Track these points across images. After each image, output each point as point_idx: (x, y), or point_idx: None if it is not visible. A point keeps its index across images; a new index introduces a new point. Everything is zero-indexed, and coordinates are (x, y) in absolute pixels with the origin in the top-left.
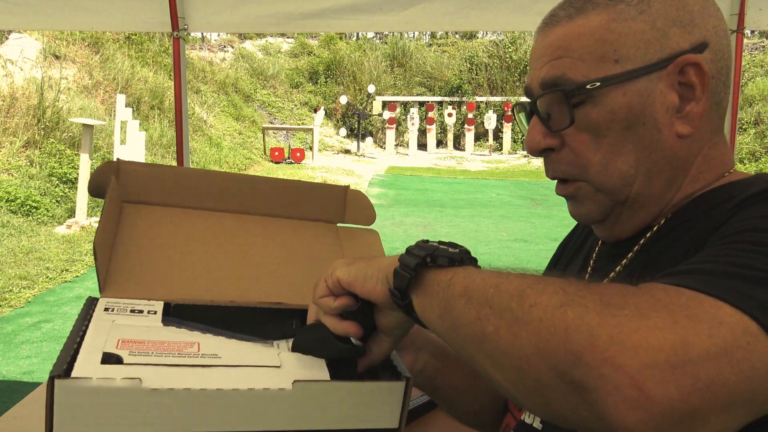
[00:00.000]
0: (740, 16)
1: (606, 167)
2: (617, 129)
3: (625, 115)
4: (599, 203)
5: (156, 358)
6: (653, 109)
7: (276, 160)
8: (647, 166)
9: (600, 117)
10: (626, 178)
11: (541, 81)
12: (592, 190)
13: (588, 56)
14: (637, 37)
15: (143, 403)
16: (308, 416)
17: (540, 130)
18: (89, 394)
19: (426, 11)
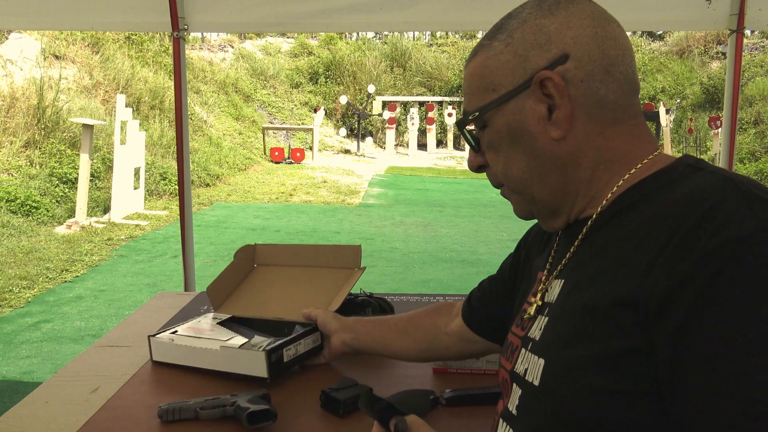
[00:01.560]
0: (740, 16)
1: (507, 175)
2: (506, 143)
3: (507, 132)
4: (519, 203)
5: (191, 333)
6: (527, 122)
7: (276, 160)
8: (537, 170)
9: (491, 137)
10: (523, 182)
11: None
12: (510, 191)
13: (475, 91)
14: (505, 66)
15: (172, 346)
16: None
17: (473, 153)
18: (158, 342)
19: (426, 11)
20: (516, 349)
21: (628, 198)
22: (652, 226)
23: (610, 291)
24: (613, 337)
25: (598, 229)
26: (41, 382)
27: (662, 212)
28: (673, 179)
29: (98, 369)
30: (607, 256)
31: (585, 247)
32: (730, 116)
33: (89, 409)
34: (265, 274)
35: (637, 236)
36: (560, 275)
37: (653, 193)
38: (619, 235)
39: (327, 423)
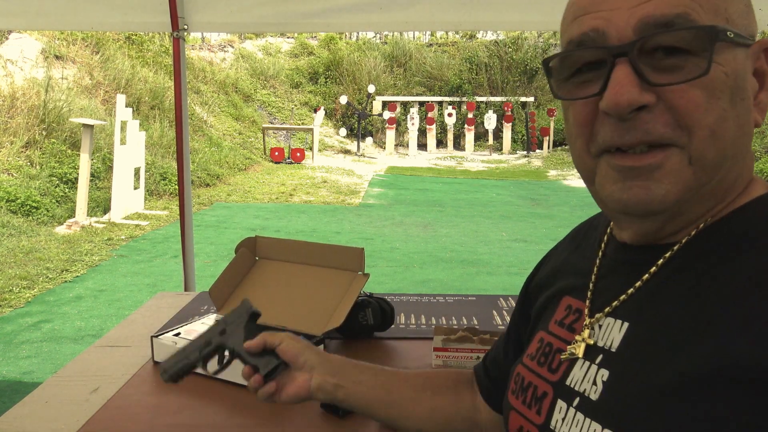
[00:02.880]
0: None
1: (714, 135)
2: (728, 95)
3: (734, 82)
4: (683, 182)
5: (193, 336)
6: (747, 86)
7: (276, 160)
8: (736, 150)
9: (718, 75)
10: (724, 159)
11: (645, 18)
12: (685, 161)
13: (705, 4)
14: (738, 3)
15: (175, 349)
16: (230, 373)
17: (635, 83)
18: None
19: (426, 11)
20: (544, 397)
21: (730, 229)
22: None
23: (727, 357)
24: (728, 421)
25: (687, 262)
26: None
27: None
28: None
29: (98, 369)
30: (716, 305)
31: (664, 282)
32: None
33: (89, 409)
34: (267, 272)
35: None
36: (618, 314)
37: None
38: (734, 279)
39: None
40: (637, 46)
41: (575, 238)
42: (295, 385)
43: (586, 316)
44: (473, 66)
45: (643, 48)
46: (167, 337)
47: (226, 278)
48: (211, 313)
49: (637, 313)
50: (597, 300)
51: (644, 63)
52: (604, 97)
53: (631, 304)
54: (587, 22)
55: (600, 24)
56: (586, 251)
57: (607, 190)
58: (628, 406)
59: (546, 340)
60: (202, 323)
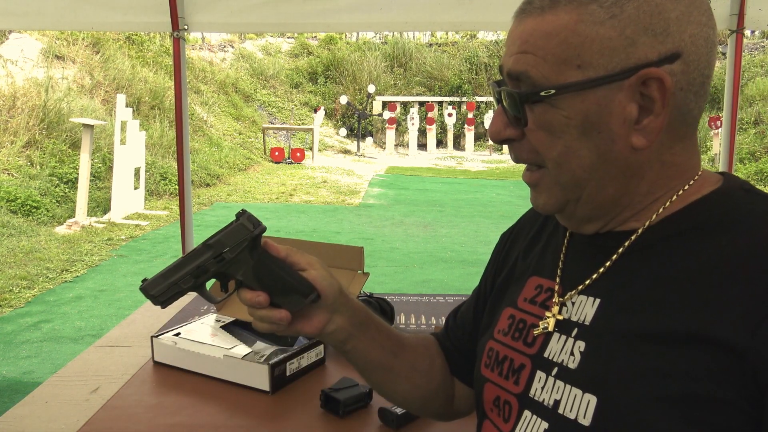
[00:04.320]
0: (740, 16)
1: (561, 166)
2: (573, 133)
3: (581, 122)
4: (555, 196)
5: (194, 338)
6: (610, 119)
7: (276, 160)
8: (600, 173)
9: (555, 119)
10: (579, 180)
11: (507, 71)
12: (553, 180)
13: (551, 57)
14: (603, 43)
15: (175, 349)
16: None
17: (503, 120)
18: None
19: (426, 11)
20: (521, 368)
21: (687, 220)
22: (745, 264)
23: (690, 325)
24: (698, 379)
25: (649, 247)
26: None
27: (754, 249)
28: (736, 205)
29: (98, 369)
30: (677, 283)
31: (629, 264)
32: (730, 116)
33: (89, 409)
34: None
35: (724, 271)
36: (589, 292)
37: (722, 220)
38: (691, 262)
39: (327, 423)
40: (502, 91)
41: (546, 220)
42: (309, 323)
43: (557, 294)
44: (473, 66)
45: (506, 93)
46: (167, 337)
47: None
48: (211, 313)
49: (607, 291)
50: (567, 279)
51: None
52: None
53: (601, 283)
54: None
55: (501, 61)
56: (552, 233)
57: None
58: (605, 372)
59: (518, 317)
60: (202, 323)
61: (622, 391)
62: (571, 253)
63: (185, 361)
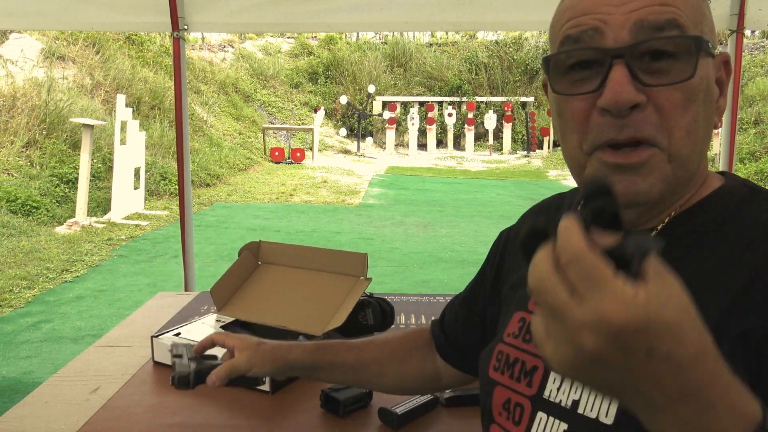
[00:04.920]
0: (740, 16)
1: (689, 134)
2: (702, 98)
3: (706, 87)
4: (665, 177)
5: (195, 338)
6: (713, 91)
7: (276, 160)
8: (704, 147)
9: (696, 81)
10: (696, 155)
11: (640, 23)
12: (665, 158)
13: (690, 16)
14: (709, 20)
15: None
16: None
17: (630, 83)
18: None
19: (426, 11)
20: (534, 371)
21: (697, 219)
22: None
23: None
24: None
25: (670, 247)
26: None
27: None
28: (743, 200)
29: (98, 369)
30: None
31: None
32: (730, 116)
33: (89, 409)
34: (269, 275)
35: (738, 263)
36: None
37: (729, 215)
38: (705, 261)
39: (327, 423)
40: (633, 48)
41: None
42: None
43: None
44: (473, 66)
45: (637, 50)
46: (167, 337)
47: (228, 279)
48: (211, 313)
49: None
50: None
51: (637, 65)
52: (604, 95)
53: None
54: (585, 21)
55: (598, 24)
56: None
57: None
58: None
59: (528, 320)
60: (202, 323)
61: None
62: None
63: None
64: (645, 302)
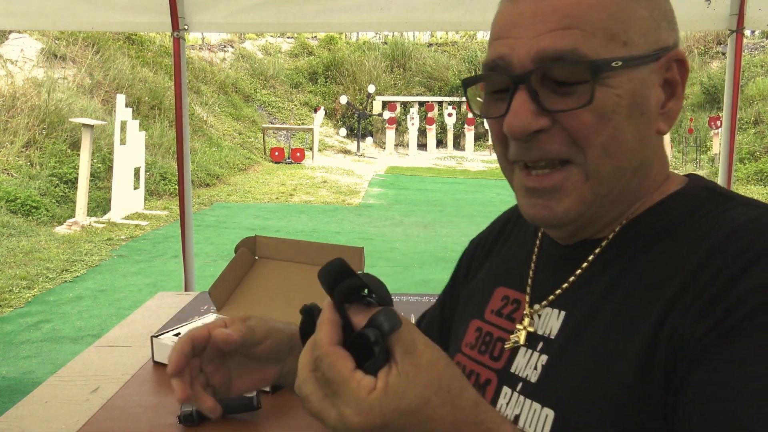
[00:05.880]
0: (740, 16)
1: (607, 152)
2: (621, 115)
3: (629, 102)
4: (583, 197)
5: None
6: (650, 100)
7: (276, 160)
8: (638, 161)
9: (607, 99)
10: (620, 171)
11: (541, 52)
12: (582, 178)
13: (600, 32)
14: (641, 22)
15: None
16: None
17: (530, 109)
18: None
19: (426, 11)
20: (487, 384)
21: (643, 227)
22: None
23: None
24: (651, 381)
25: (611, 256)
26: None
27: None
28: (697, 205)
29: (98, 369)
30: (635, 291)
31: (593, 275)
32: (730, 116)
33: (89, 409)
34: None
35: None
36: (556, 305)
37: (678, 220)
38: (649, 269)
39: None
40: (533, 75)
41: (504, 229)
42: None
43: (526, 305)
44: (473, 66)
45: (538, 77)
46: (167, 337)
47: (226, 278)
48: (211, 313)
49: (573, 303)
50: (536, 291)
51: (541, 90)
52: (505, 121)
53: (568, 295)
54: (497, 48)
55: (506, 52)
56: (518, 243)
57: (519, 202)
58: (561, 385)
59: (485, 330)
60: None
61: (578, 406)
62: (542, 263)
63: None
64: (379, 401)
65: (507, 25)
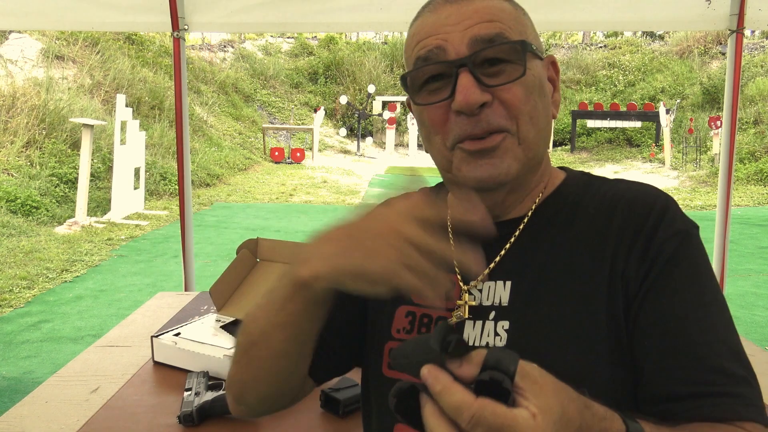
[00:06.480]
0: (740, 16)
1: (532, 119)
2: (536, 92)
3: (539, 83)
4: (518, 157)
5: (195, 338)
6: (546, 87)
7: (276, 160)
8: (547, 134)
9: (529, 76)
10: (539, 138)
11: (474, 38)
12: (515, 141)
13: (513, 27)
14: (532, 29)
15: (175, 349)
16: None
17: (476, 86)
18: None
19: None
20: None
21: (557, 204)
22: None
23: (595, 273)
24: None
25: (535, 229)
26: (41, 382)
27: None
28: (587, 185)
29: (98, 369)
30: (569, 249)
31: (523, 246)
32: (730, 116)
33: (89, 409)
34: (268, 272)
35: (598, 226)
36: (496, 277)
37: (582, 196)
38: (571, 232)
39: (327, 423)
40: (471, 58)
41: None
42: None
43: (460, 283)
44: None
45: (476, 60)
46: (167, 337)
47: (227, 278)
48: (211, 313)
49: (516, 272)
50: (463, 270)
51: (478, 71)
52: (456, 99)
53: (506, 266)
54: (430, 42)
55: (441, 43)
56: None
57: (463, 171)
58: (534, 343)
59: (419, 312)
60: (202, 323)
61: (557, 358)
62: (459, 244)
63: (185, 361)
64: (542, 419)
65: (433, 26)
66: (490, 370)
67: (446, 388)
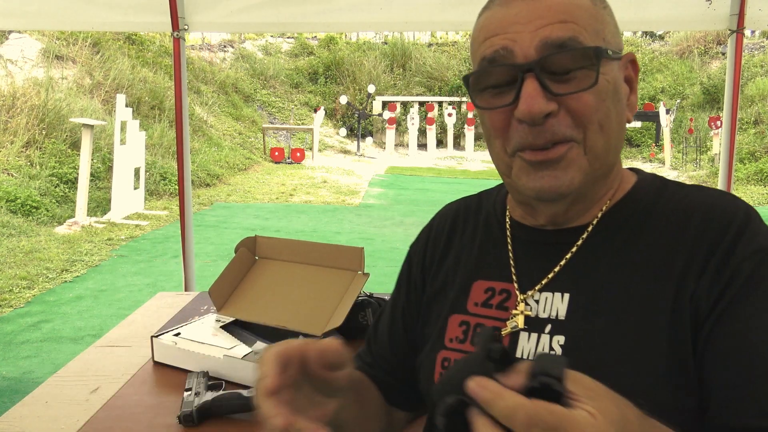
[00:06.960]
0: (740, 16)
1: (602, 128)
2: (610, 98)
3: (613, 88)
4: (583, 169)
5: (195, 338)
6: (622, 90)
7: (276, 160)
8: (619, 141)
9: (603, 83)
10: (609, 147)
11: (544, 41)
12: (581, 151)
13: (589, 27)
14: (611, 27)
15: (175, 349)
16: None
17: (541, 94)
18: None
19: (426, 11)
20: None
21: (627, 211)
22: (681, 229)
23: (661, 292)
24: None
25: (600, 239)
26: (41, 382)
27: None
28: (659, 191)
29: (98, 369)
30: (635, 263)
31: (585, 257)
32: (730, 116)
33: (89, 409)
34: (267, 271)
35: (669, 240)
36: (553, 288)
37: (653, 204)
38: (640, 244)
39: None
40: (539, 63)
41: (455, 227)
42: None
43: (517, 292)
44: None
45: (544, 65)
46: (167, 337)
47: (226, 278)
48: (211, 313)
49: (574, 285)
50: (522, 279)
51: (546, 77)
52: (519, 107)
53: (565, 278)
54: (497, 42)
55: (508, 44)
56: (481, 236)
57: (523, 181)
58: (591, 362)
59: (473, 322)
60: (202, 323)
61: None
62: (520, 252)
63: (185, 361)
64: (602, 419)
65: (502, 23)
66: (540, 376)
67: (497, 394)
